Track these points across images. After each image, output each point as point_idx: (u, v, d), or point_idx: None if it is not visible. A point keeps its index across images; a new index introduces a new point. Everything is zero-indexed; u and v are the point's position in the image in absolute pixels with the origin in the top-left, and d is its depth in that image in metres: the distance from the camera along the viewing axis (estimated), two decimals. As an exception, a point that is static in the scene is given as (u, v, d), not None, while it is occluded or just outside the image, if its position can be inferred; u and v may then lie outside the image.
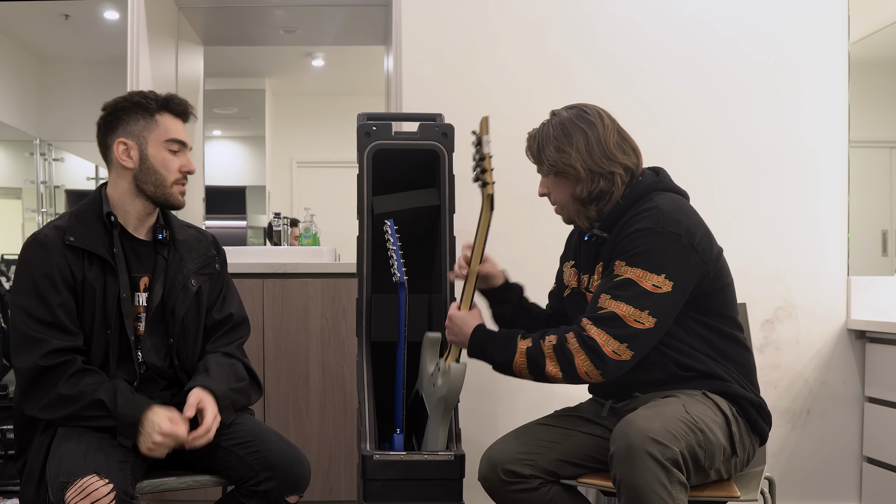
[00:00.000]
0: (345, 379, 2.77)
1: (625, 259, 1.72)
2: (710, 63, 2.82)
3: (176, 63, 3.49)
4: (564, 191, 1.85)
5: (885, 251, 3.11)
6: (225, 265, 2.05)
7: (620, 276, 1.71)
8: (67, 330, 1.76)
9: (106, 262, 1.81)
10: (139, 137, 1.84)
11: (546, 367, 1.70)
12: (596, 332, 1.68)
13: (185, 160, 1.89)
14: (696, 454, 1.60)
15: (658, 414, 1.60)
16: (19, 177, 5.13)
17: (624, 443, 1.54)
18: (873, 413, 2.75)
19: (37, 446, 1.76)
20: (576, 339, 1.69)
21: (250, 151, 5.75)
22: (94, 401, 1.71)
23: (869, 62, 2.97)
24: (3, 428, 3.00)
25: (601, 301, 1.71)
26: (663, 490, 1.51)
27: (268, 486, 1.78)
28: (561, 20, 2.83)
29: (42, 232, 1.81)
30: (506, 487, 1.79)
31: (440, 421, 1.92)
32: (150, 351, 1.87)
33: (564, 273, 2.02)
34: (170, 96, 1.88)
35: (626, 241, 1.74)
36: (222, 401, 1.81)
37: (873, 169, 3.13)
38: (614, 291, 1.70)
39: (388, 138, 2.23)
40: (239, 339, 2.00)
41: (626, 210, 1.80)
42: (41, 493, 1.72)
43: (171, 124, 1.87)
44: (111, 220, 1.84)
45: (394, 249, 2.12)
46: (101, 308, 1.80)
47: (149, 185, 1.85)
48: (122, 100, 1.87)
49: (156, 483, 1.80)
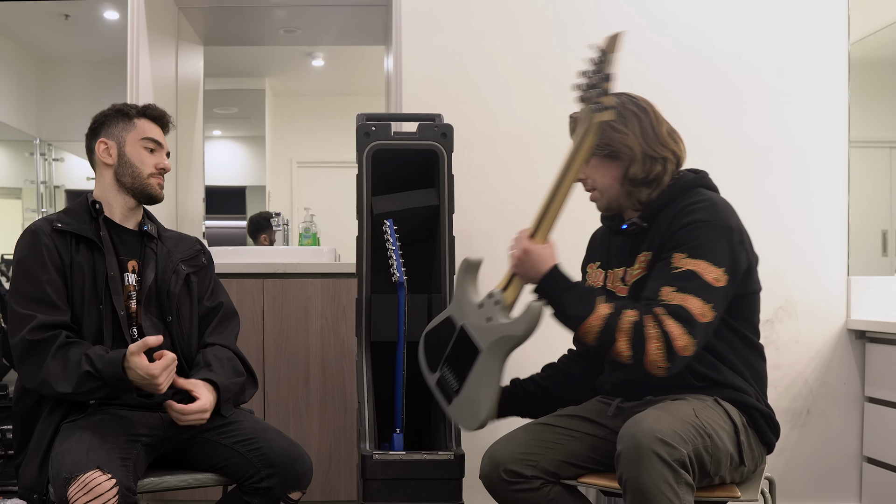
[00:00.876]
0: (345, 379, 2.77)
1: (685, 251, 1.67)
2: (710, 63, 2.83)
3: (176, 63, 3.49)
4: (610, 174, 1.81)
5: (885, 251, 3.11)
6: (211, 262, 2.13)
7: (681, 267, 1.65)
8: (54, 305, 1.81)
9: (93, 243, 1.89)
10: (118, 137, 1.99)
11: (617, 341, 1.63)
12: (672, 325, 1.60)
13: (160, 158, 2.02)
14: (703, 459, 1.59)
15: (667, 415, 1.59)
16: (19, 177, 5.13)
17: (632, 442, 1.53)
18: (873, 413, 2.75)
19: (41, 429, 1.79)
20: (654, 326, 1.62)
21: (250, 151, 5.74)
22: (83, 374, 1.72)
23: (869, 62, 2.97)
24: (2, 428, 3.00)
25: (664, 294, 1.64)
26: (670, 490, 1.50)
27: (270, 483, 1.80)
28: (561, 20, 2.83)
29: (33, 223, 1.92)
30: (507, 487, 1.79)
31: (498, 361, 1.73)
32: (150, 329, 1.92)
33: (589, 275, 1.97)
34: (148, 105, 2.05)
35: (683, 233, 1.69)
36: (224, 393, 1.85)
37: (873, 169, 3.13)
38: (679, 283, 1.64)
39: (387, 138, 2.24)
40: (233, 330, 2.06)
41: (669, 202, 1.77)
42: (42, 472, 1.75)
43: (148, 126, 2.02)
44: (96, 207, 1.94)
45: (393, 249, 2.12)
46: (90, 285, 1.87)
47: (126, 177, 1.97)
48: (106, 110, 2.04)
49: (156, 482, 1.80)
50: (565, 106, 2.88)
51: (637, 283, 1.78)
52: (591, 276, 1.96)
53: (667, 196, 1.78)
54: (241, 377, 1.96)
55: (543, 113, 2.83)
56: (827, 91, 2.84)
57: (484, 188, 2.79)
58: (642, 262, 1.78)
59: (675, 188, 1.79)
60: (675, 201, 1.76)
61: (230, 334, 2.04)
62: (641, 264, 1.78)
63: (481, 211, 2.79)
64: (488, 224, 2.79)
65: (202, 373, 1.88)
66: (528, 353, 1.86)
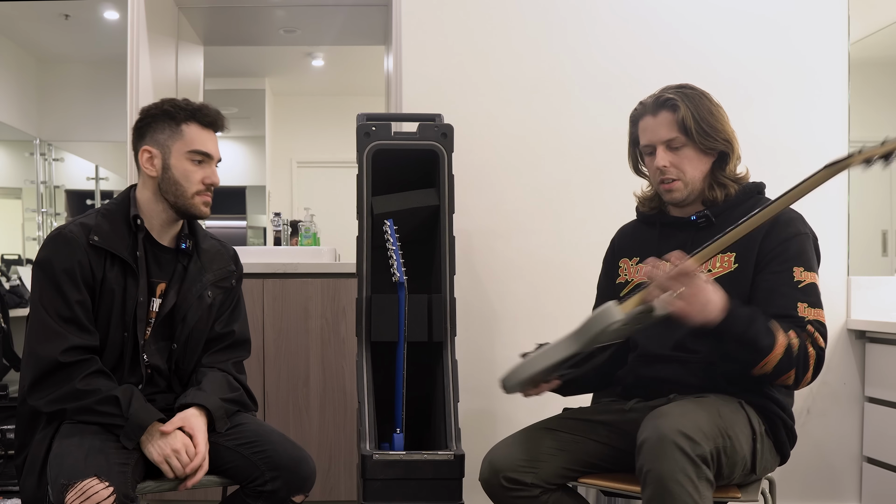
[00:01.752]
0: (345, 379, 2.77)
1: (802, 264, 1.74)
2: (710, 63, 2.82)
3: (176, 63, 3.49)
4: (702, 167, 1.82)
5: (885, 251, 3.11)
6: (240, 282, 2.05)
7: (804, 281, 1.72)
8: (84, 328, 1.77)
9: (127, 264, 1.81)
10: (163, 146, 1.84)
11: (795, 367, 1.64)
12: (822, 341, 1.68)
13: (208, 172, 1.87)
14: (721, 460, 1.58)
15: (691, 411, 1.59)
16: (19, 177, 5.13)
17: (655, 434, 1.52)
18: (873, 413, 2.75)
19: (39, 439, 1.77)
20: (811, 345, 1.67)
21: (250, 151, 5.75)
22: (110, 396, 1.73)
23: (869, 62, 2.97)
24: (3, 428, 3.00)
25: (802, 310, 1.70)
26: (689, 483, 1.49)
27: (274, 486, 1.79)
28: (561, 20, 2.83)
29: (67, 227, 1.82)
30: (507, 493, 1.78)
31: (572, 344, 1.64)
32: (154, 353, 1.88)
33: (626, 270, 1.94)
34: (200, 106, 1.87)
35: (794, 246, 1.75)
36: (216, 412, 1.82)
37: (873, 169, 3.12)
38: (808, 298, 1.71)
39: (387, 138, 2.24)
40: (236, 358, 1.98)
41: (740, 203, 1.81)
42: (41, 486, 1.73)
43: (197, 135, 1.85)
44: (137, 223, 1.85)
45: (393, 249, 2.12)
46: (119, 311, 1.81)
47: (170, 194, 1.85)
48: (153, 106, 1.87)
49: (157, 483, 1.79)
50: (565, 106, 2.90)
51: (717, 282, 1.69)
52: (629, 271, 1.94)
53: (739, 196, 1.82)
54: (236, 392, 1.91)
55: (543, 113, 2.83)
56: (827, 91, 2.83)
57: (484, 188, 2.79)
58: (725, 261, 1.78)
59: (745, 189, 1.84)
60: (746, 204, 1.80)
61: (230, 359, 1.96)
62: (724, 263, 1.78)
63: (481, 211, 2.79)
64: (488, 224, 2.80)
65: (190, 394, 1.84)
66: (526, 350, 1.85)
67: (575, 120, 2.82)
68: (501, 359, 2.76)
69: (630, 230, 2.01)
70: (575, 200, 2.81)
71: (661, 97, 1.82)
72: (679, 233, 1.86)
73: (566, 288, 2.78)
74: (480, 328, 2.79)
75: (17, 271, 4.24)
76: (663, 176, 1.82)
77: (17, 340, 3.35)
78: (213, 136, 1.89)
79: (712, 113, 1.81)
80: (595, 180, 2.80)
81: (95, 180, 5.36)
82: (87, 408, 1.73)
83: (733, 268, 1.77)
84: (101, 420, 1.73)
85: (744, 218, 1.60)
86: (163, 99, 1.90)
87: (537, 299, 2.80)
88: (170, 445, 1.72)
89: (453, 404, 2.11)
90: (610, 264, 2.01)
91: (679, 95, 1.80)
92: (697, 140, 1.79)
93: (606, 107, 2.80)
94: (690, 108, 1.79)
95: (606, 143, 2.77)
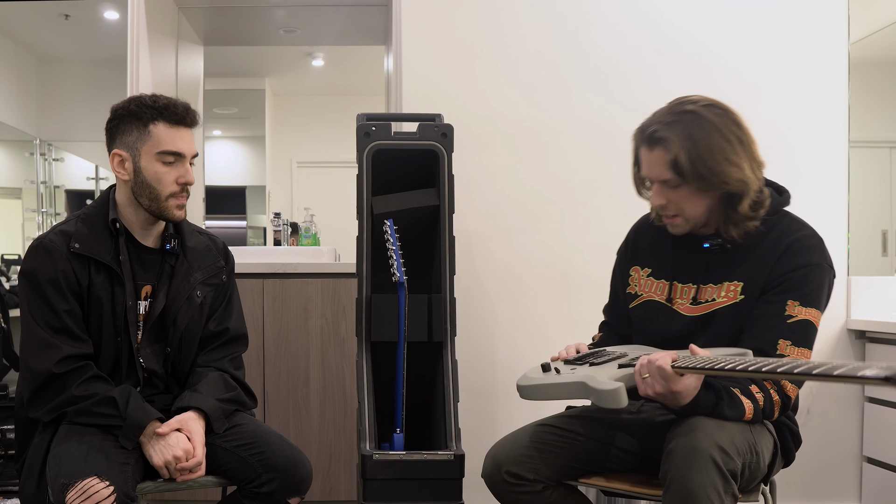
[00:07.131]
0: (345, 379, 2.77)
1: (799, 298, 1.63)
2: (710, 63, 2.82)
3: (176, 63, 3.49)
4: (704, 203, 1.68)
5: (885, 251, 3.11)
6: (232, 275, 2.03)
7: (795, 316, 1.62)
8: (76, 336, 1.77)
9: (112, 269, 1.80)
10: (133, 149, 1.79)
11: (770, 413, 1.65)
12: (792, 389, 1.65)
13: (182, 171, 1.81)
14: (744, 474, 1.58)
15: (726, 425, 1.58)
16: (19, 177, 5.13)
17: (689, 443, 1.51)
18: (873, 413, 2.75)
19: (37, 443, 1.77)
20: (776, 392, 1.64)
21: (250, 151, 5.74)
22: (107, 398, 1.73)
23: (869, 62, 2.97)
24: (3, 428, 3.00)
25: (782, 348, 1.62)
26: (717, 497, 1.48)
27: (270, 488, 1.78)
28: (561, 20, 2.83)
29: (47, 237, 1.79)
30: (509, 488, 1.79)
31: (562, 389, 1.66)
32: (150, 357, 1.88)
33: (636, 280, 1.87)
34: (167, 103, 1.79)
35: (798, 277, 1.64)
36: (212, 413, 1.82)
37: (873, 169, 3.13)
38: (795, 336, 1.62)
39: (387, 138, 2.24)
40: (233, 353, 1.97)
41: (760, 233, 1.69)
42: (41, 489, 1.72)
43: (166, 134, 1.78)
44: (116, 226, 1.82)
45: (393, 249, 2.12)
46: (109, 316, 1.80)
47: (144, 198, 1.81)
48: (121, 106, 1.81)
49: (156, 483, 1.80)
50: (565, 106, 2.89)
51: (720, 312, 1.70)
52: (640, 283, 1.87)
53: (759, 227, 1.69)
54: (233, 391, 1.90)
55: (543, 113, 2.83)
56: (827, 91, 2.84)
57: (484, 188, 2.80)
58: (731, 291, 1.70)
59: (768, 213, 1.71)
60: (770, 227, 1.69)
61: (227, 356, 1.95)
62: (730, 293, 1.70)
63: (481, 211, 2.79)
64: (488, 224, 2.80)
65: (185, 397, 1.83)
66: (529, 354, 1.85)
67: (575, 120, 2.82)
68: (501, 359, 2.76)
69: (646, 230, 1.92)
70: (575, 200, 2.81)
71: (654, 132, 1.66)
72: (692, 257, 1.77)
73: (566, 288, 2.78)
74: (480, 328, 2.79)
75: (17, 271, 4.24)
76: (663, 212, 1.74)
77: (17, 340, 3.35)
78: (185, 133, 1.81)
79: (713, 149, 1.62)
80: (595, 180, 2.80)
81: (95, 180, 5.36)
82: (85, 410, 1.73)
83: (738, 299, 1.69)
84: (100, 421, 1.73)
85: (742, 365, 1.37)
86: (130, 97, 1.82)
87: (537, 299, 2.80)
88: (171, 452, 1.72)
89: (453, 404, 2.11)
90: (623, 260, 1.95)
91: (675, 130, 1.63)
92: (693, 182, 1.64)
93: (608, 105, 2.80)
94: (686, 146, 1.61)
95: (607, 143, 2.77)
